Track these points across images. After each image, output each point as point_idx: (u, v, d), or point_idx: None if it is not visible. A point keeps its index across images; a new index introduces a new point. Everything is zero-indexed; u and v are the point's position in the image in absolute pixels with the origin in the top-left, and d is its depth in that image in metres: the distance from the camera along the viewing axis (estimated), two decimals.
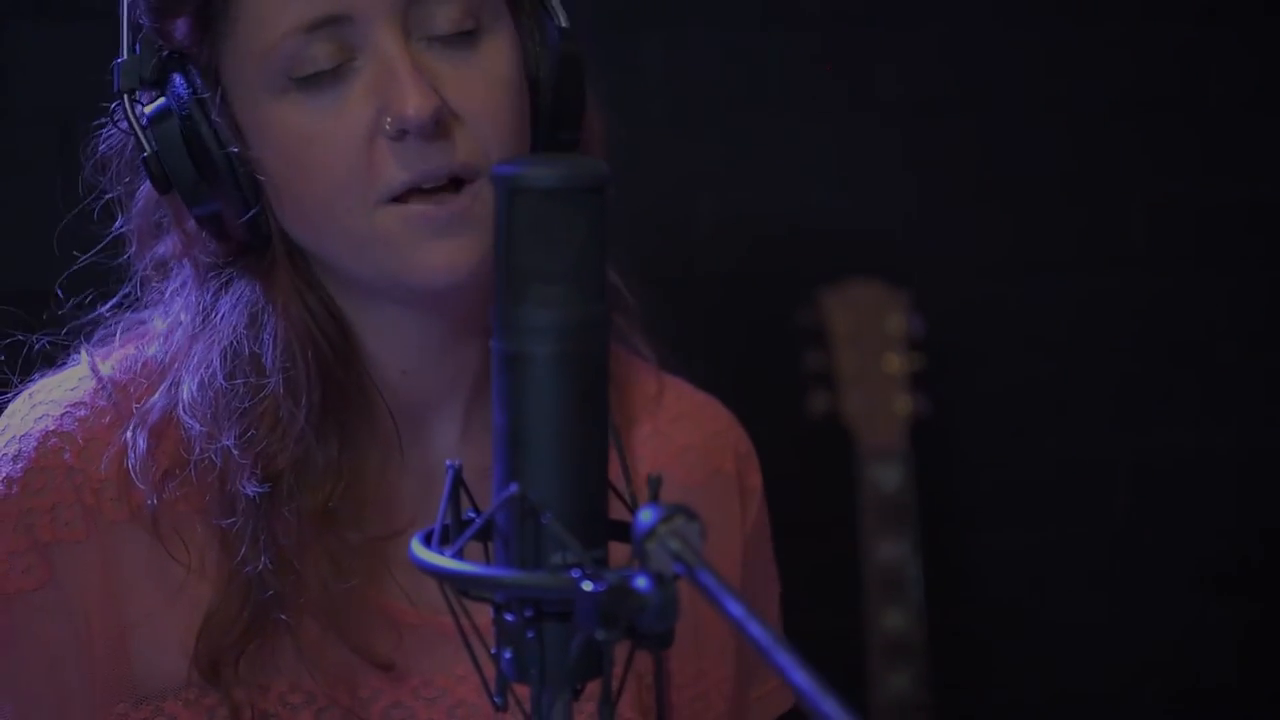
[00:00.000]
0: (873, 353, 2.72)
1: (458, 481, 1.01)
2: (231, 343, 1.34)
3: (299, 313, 1.34)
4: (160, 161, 1.32)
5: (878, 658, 2.62)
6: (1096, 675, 3.02)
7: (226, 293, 1.36)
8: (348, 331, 1.37)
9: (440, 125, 1.28)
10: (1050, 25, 2.93)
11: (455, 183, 1.30)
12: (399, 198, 1.29)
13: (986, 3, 2.91)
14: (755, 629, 0.88)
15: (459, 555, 0.97)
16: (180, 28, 1.32)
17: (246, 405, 1.33)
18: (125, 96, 1.34)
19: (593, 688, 0.99)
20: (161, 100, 1.33)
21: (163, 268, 1.41)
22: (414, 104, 1.26)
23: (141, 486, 1.34)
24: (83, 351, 1.41)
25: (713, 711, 1.50)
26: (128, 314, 1.44)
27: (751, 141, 2.86)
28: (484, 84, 1.31)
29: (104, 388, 1.38)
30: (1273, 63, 2.99)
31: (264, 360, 1.33)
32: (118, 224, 1.42)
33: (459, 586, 0.97)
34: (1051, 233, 2.96)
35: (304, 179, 1.30)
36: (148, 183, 1.36)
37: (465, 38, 1.31)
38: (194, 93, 1.31)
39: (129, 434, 1.35)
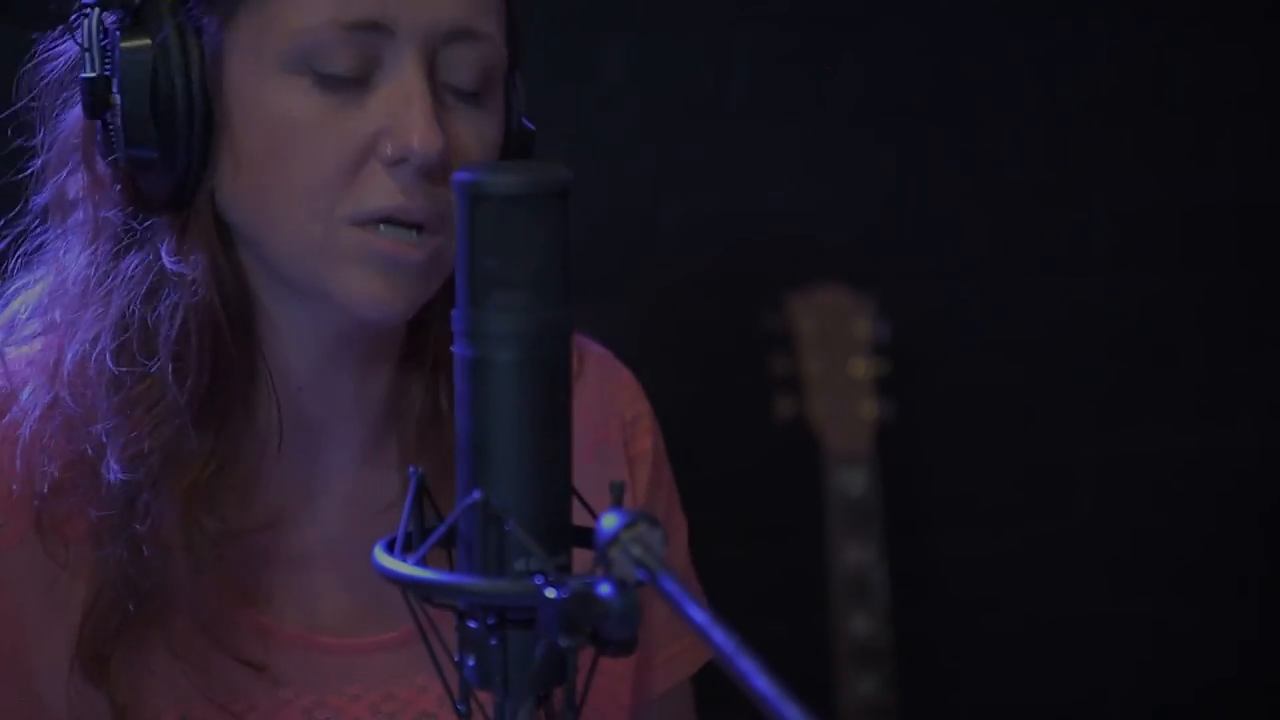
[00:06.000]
0: (839, 357, 2.72)
1: (421, 488, 1.01)
2: (124, 316, 1.30)
3: (208, 288, 1.29)
4: (109, 88, 1.27)
5: (845, 662, 2.63)
6: (1063, 678, 3.03)
7: (127, 255, 1.31)
8: (255, 320, 1.33)
9: (438, 168, 1.26)
10: (1018, 28, 2.94)
11: (418, 227, 1.28)
12: (362, 223, 1.27)
13: (954, 5, 2.92)
14: (718, 636, 0.88)
15: (422, 562, 0.97)
16: None
17: (127, 386, 1.29)
18: (96, 10, 1.28)
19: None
20: (137, 28, 1.27)
21: (63, 206, 1.35)
22: (422, 137, 1.25)
23: (41, 474, 1.30)
24: None
25: (615, 703, 1.48)
26: (17, 280, 1.37)
27: (716, 144, 2.86)
28: (476, 146, 1.30)
29: None
30: (1241, 63, 3.00)
31: (156, 337, 1.29)
32: (34, 139, 1.35)
33: (422, 594, 0.97)
34: (1018, 236, 2.96)
35: (281, 166, 1.27)
36: (77, 109, 1.31)
37: (474, 97, 1.30)
38: (183, 34, 1.27)
39: (23, 430, 1.31)
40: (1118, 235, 3.00)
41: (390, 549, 0.98)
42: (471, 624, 0.97)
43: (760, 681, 0.85)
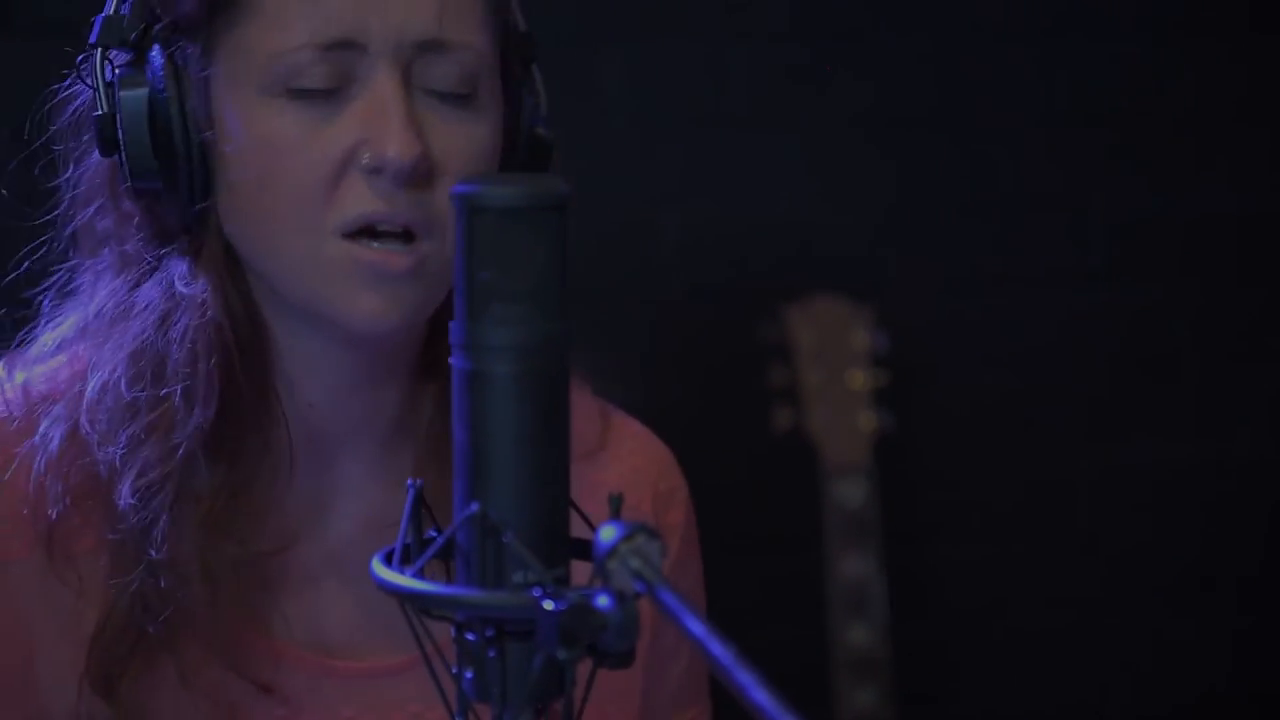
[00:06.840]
0: (837, 369, 2.72)
1: (419, 501, 1.01)
2: (140, 344, 1.32)
3: (217, 310, 1.31)
4: (115, 124, 1.30)
5: (843, 674, 2.62)
6: (1061, 690, 3.02)
7: (146, 283, 1.34)
8: (264, 342, 1.35)
9: (417, 174, 1.27)
10: (1016, 40, 2.94)
11: (407, 234, 1.29)
12: (351, 234, 1.28)
13: (951, 17, 2.92)
14: (716, 647, 0.88)
15: (420, 574, 0.97)
16: (189, 2, 1.30)
17: (142, 415, 1.31)
18: (99, 51, 1.31)
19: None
20: (135, 67, 1.30)
21: (91, 243, 1.37)
22: (397, 146, 1.26)
23: (54, 499, 1.32)
24: None
25: None
26: (50, 317, 1.40)
27: (714, 155, 2.86)
28: (467, 148, 1.30)
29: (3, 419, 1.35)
30: (1238, 75, 3.00)
31: (167, 363, 1.31)
32: (60, 178, 1.38)
33: (420, 606, 0.97)
34: (1016, 248, 2.96)
35: (267, 185, 1.29)
36: (96, 152, 1.34)
37: (461, 99, 1.30)
38: (175, 68, 1.29)
39: (40, 448, 1.33)
40: (1116, 246, 3.00)
41: (389, 561, 0.98)
42: (470, 636, 0.97)
43: (758, 693, 0.85)
